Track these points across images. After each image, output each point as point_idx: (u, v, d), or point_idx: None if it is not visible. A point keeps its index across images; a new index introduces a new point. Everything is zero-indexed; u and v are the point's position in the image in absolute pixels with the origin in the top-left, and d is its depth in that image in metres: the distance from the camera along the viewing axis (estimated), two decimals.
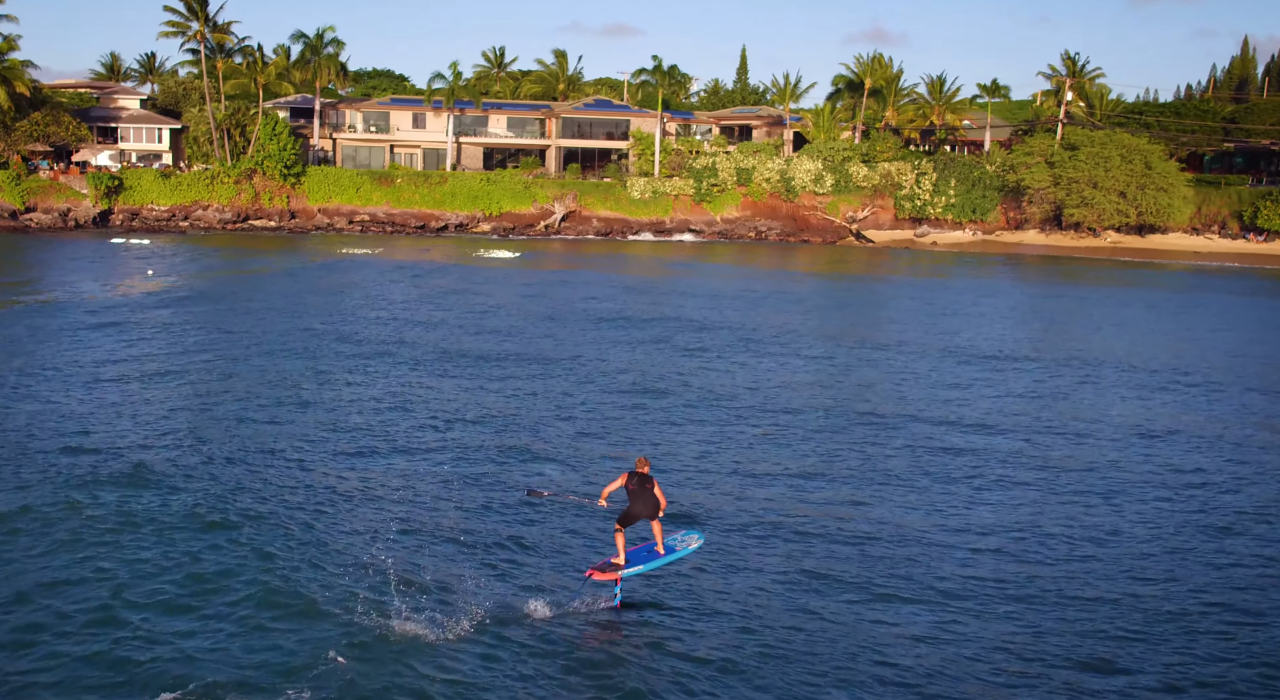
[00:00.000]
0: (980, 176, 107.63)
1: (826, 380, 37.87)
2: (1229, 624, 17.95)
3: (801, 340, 46.28)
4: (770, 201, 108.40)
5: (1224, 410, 33.78)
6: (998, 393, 35.89)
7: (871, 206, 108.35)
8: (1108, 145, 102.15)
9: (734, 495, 23.58)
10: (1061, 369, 41.13)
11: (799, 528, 21.58)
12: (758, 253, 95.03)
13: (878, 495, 24.00)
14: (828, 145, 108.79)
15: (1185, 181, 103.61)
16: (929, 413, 32.41)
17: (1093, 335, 50.94)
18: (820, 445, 28.08)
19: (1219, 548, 21.42)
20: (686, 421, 30.68)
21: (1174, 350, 46.36)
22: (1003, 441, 28.89)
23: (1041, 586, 19.19)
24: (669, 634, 16.58)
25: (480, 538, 20.29)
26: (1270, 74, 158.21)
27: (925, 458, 27.19)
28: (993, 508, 23.40)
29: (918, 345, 45.86)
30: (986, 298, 65.76)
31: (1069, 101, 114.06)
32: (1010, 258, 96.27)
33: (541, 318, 50.46)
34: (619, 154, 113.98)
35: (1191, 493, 24.91)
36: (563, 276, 71.09)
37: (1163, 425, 31.43)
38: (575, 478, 24.40)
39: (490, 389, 33.60)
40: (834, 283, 74.94)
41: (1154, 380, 38.61)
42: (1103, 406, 33.84)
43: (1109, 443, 29.26)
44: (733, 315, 53.44)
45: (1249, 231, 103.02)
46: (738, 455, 26.80)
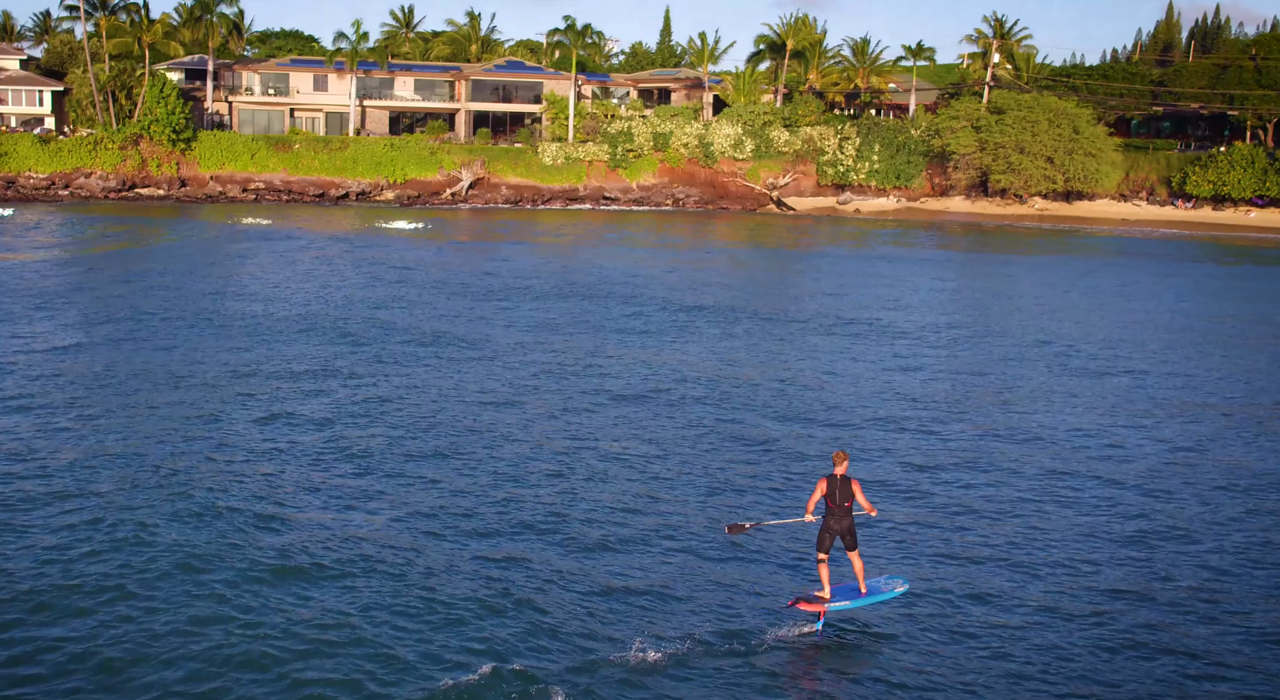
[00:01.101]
0: (905, 142, 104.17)
1: (745, 359, 35.06)
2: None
3: (715, 316, 43.23)
4: (688, 168, 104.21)
5: (1170, 391, 30.49)
6: (928, 370, 32.77)
7: (793, 173, 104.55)
8: (1035, 109, 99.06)
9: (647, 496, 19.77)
10: (985, 344, 38.16)
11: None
12: (675, 221, 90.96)
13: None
14: (748, 109, 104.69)
15: (1114, 146, 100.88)
16: (861, 399, 29.42)
17: (1021, 309, 47.88)
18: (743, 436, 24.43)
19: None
20: (593, 406, 27.81)
21: (1107, 323, 43.54)
22: (928, 421, 25.41)
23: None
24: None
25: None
26: (1195, 38, 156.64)
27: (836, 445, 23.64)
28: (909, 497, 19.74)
29: (840, 321, 43.01)
30: (911, 269, 62.55)
31: (995, 64, 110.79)
32: (935, 225, 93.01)
33: (444, 293, 46.43)
34: (533, 118, 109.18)
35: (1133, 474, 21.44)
36: (469, 248, 66.86)
37: (1109, 408, 28.03)
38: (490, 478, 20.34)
39: (395, 373, 29.32)
40: (754, 253, 71.35)
41: (1090, 358, 35.37)
42: (1034, 386, 30.66)
43: (1049, 431, 25.74)
44: (647, 289, 49.81)
45: (1177, 198, 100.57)
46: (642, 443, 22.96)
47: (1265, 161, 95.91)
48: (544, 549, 18.62)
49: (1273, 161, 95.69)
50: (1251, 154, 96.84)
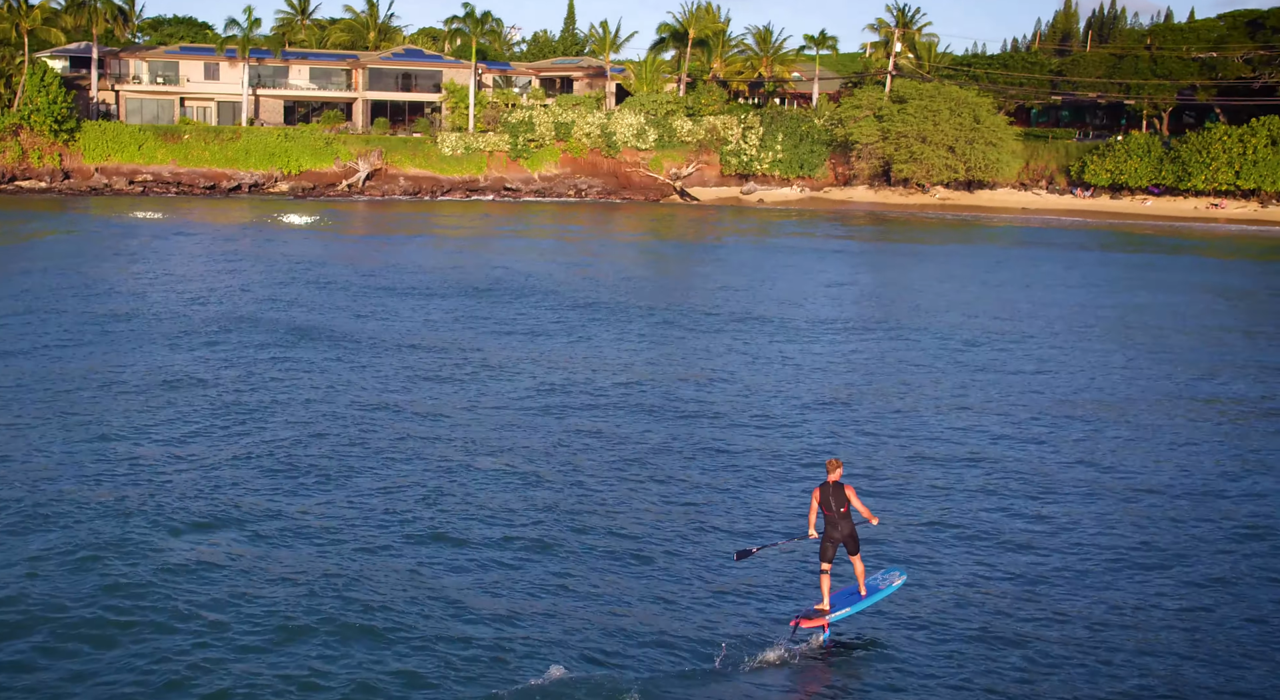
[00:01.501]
0: (808, 131, 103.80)
1: (645, 358, 33.80)
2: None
3: (617, 312, 41.82)
4: (591, 158, 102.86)
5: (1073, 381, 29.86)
6: (838, 367, 31.73)
7: (696, 162, 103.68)
8: (936, 98, 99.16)
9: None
10: (892, 338, 37.38)
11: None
12: (577, 213, 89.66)
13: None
14: (650, 98, 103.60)
15: (1014, 136, 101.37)
16: (765, 392, 28.86)
17: (929, 302, 47.12)
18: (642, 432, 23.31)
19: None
20: (479, 405, 26.97)
21: (1014, 315, 42.84)
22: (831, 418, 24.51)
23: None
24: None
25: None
26: (1092, 28, 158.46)
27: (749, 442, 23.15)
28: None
29: (747, 315, 42.03)
30: (817, 260, 61.92)
31: (897, 53, 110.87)
32: (839, 215, 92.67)
33: (333, 290, 44.71)
34: (433, 108, 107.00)
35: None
36: (364, 242, 65.20)
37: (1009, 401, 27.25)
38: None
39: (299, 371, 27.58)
40: (657, 246, 70.35)
41: (991, 347, 34.72)
42: (940, 383, 29.90)
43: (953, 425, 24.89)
44: (548, 284, 48.33)
45: (1076, 186, 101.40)
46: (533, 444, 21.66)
47: (1161, 150, 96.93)
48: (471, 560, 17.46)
49: (1168, 150, 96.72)
50: (1147, 143, 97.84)
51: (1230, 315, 46.26)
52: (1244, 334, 41.23)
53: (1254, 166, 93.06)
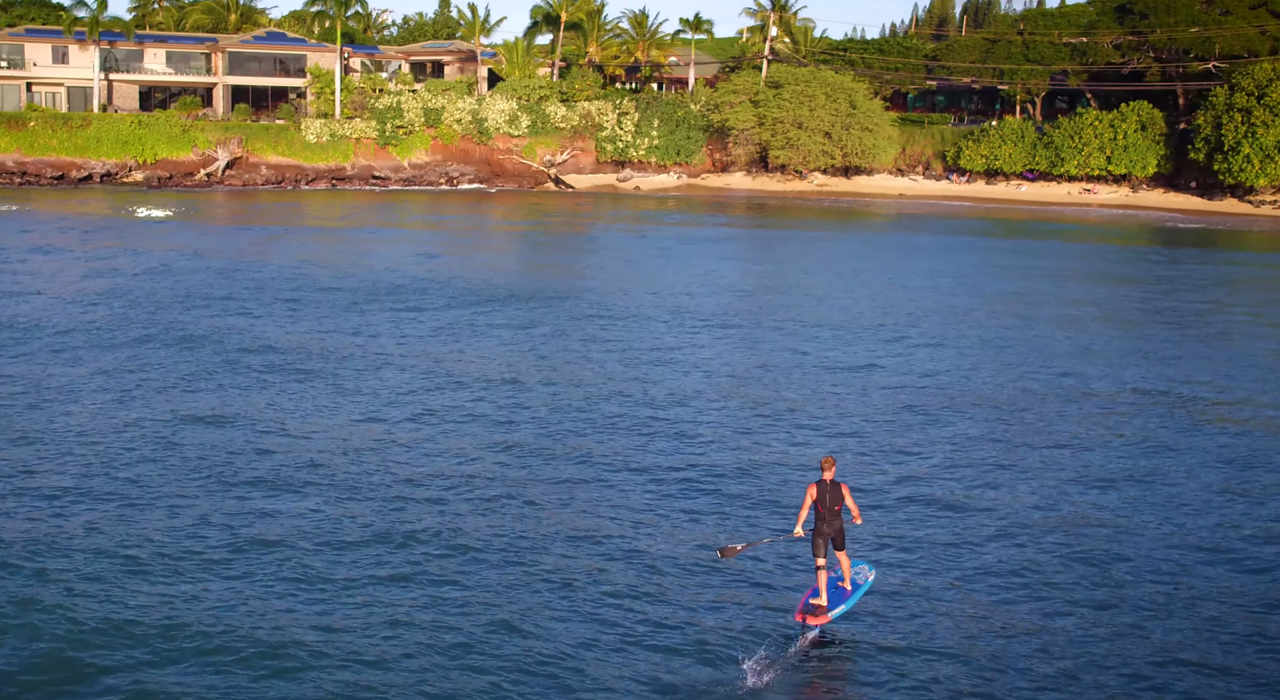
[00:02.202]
0: (684, 117, 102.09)
1: (530, 354, 32.46)
2: None
3: (490, 307, 40.05)
4: (462, 145, 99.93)
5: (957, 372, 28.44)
6: (717, 362, 30.25)
7: (571, 149, 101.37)
8: (812, 83, 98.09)
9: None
10: (773, 329, 36.46)
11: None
12: (449, 202, 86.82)
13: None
14: (523, 83, 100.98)
15: (890, 121, 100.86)
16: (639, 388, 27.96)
17: (810, 290, 46.03)
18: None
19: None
20: (338, 403, 26.00)
21: (895, 305, 41.46)
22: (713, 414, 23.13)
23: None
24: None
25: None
26: (968, 12, 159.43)
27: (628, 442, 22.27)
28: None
29: (626, 307, 40.71)
30: (695, 248, 60.65)
31: (773, 37, 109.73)
32: (717, 202, 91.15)
33: (188, 287, 41.47)
34: (298, 93, 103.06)
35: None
36: (222, 234, 61.93)
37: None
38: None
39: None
40: (532, 235, 68.30)
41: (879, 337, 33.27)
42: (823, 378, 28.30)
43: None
44: (418, 278, 46.27)
45: (952, 172, 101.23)
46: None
47: (1034, 136, 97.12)
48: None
49: (1041, 135, 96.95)
50: (1021, 128, 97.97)
51: (1101, 301, 45.52)
52: (1103, 320, 40.42)
53: (1125, 152, 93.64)
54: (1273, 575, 18.07)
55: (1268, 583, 17.76)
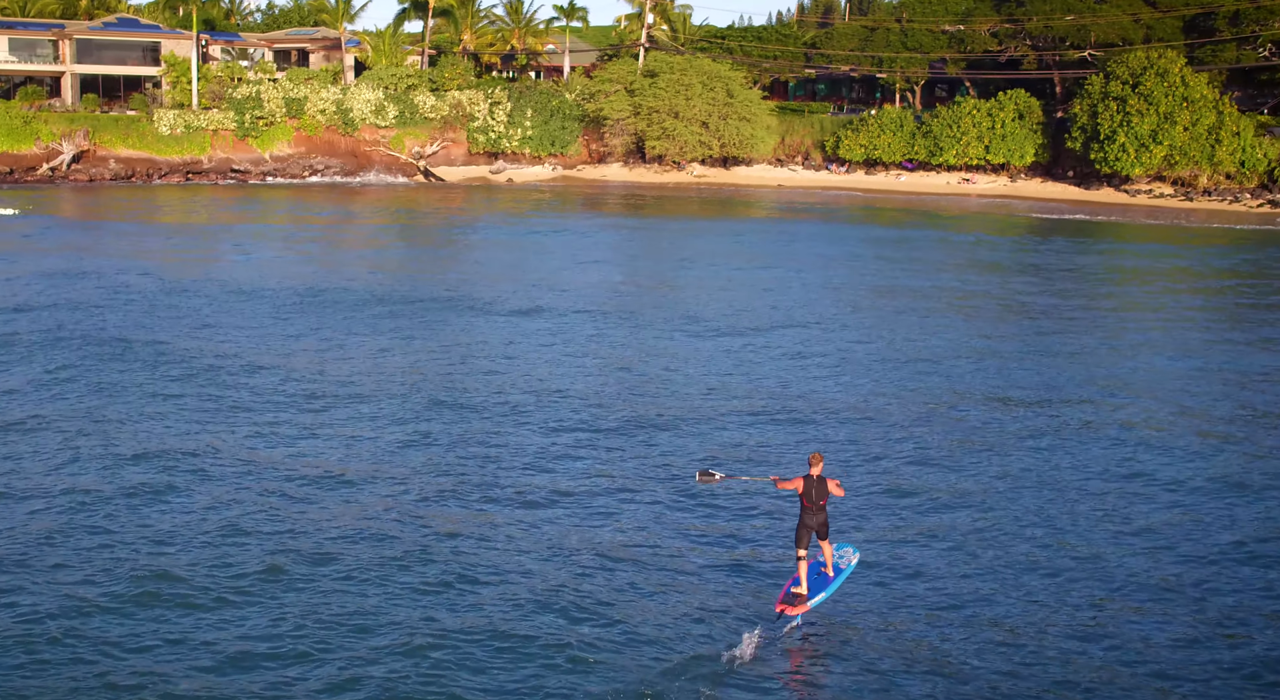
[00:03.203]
0: (559, 106, 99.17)
1: (405, 354, 31.21)
2: None
3: (359, 307, 38.22)
4: (327, 136, 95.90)
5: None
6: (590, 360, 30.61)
7: (442, 140, 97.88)
8: (688, 72, 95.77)
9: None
10: (652, 325, 35.97)
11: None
12: (313, 196, 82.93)
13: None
14: (389, 72, 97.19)
15: (768, 110, 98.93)
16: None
17: (690, 284, 45.00)
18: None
19: None
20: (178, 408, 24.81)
21: (776, 301, 40.56)
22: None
23: None
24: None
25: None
26: (851, 1, 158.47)
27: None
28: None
29: (499, 303, 39.38)
30: (571, 242, 58.81)
31: (650, 25, 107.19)
32: (592, 194, 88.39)
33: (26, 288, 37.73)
34: (154, 83, 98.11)
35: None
36: (65, 230, 58.41)
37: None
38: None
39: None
40: (401, 231, 65.60)
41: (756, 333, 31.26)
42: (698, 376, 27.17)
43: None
44: (278, 279, 43.59)
45: (832, 162, 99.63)
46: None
47: (913, 125, 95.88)
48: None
49: (920, 125, 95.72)
50: (900, 117, 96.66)
51: (973, 292, 43.76)
52: (966, 313, 38.59)
53: (1002, 141, 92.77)
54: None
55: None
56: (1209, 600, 16.87)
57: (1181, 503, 20.75)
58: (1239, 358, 33.45)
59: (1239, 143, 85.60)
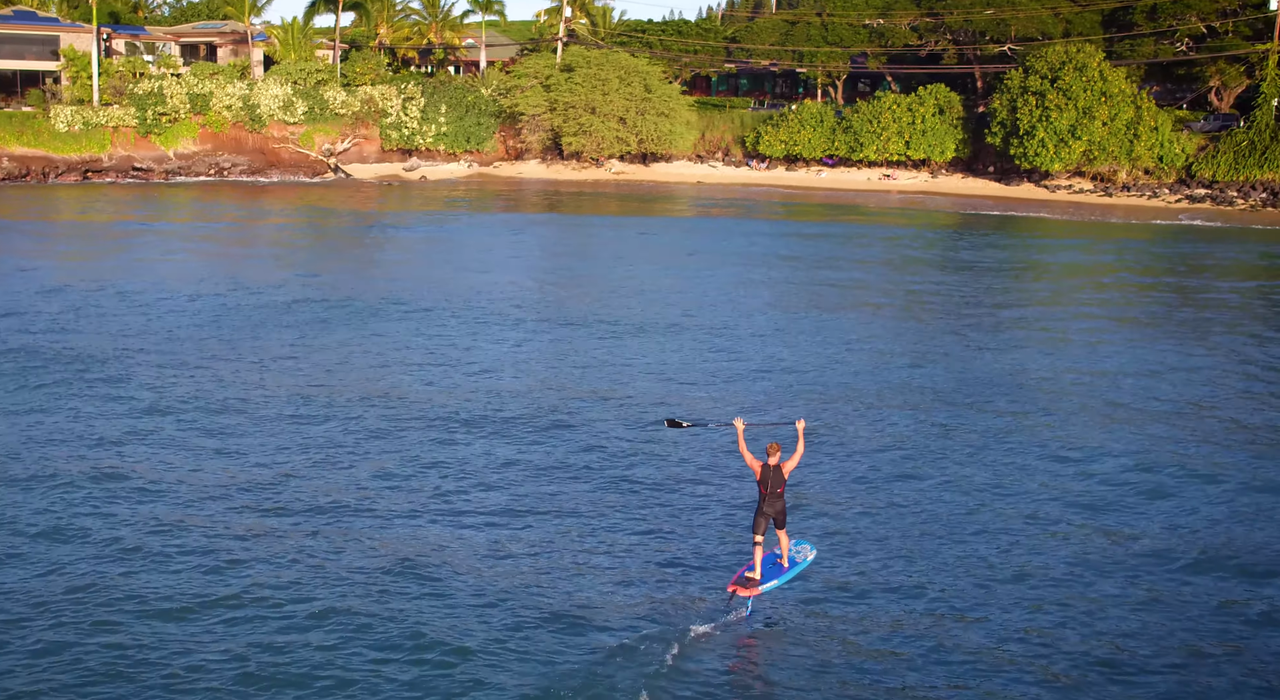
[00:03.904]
0: (475, 102, 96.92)
1: (303, 363, 30.31)
2: None
3: (263, 307, 37.79)
4: (234, 133, 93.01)
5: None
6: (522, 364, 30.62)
7: (354, 137, 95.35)
8: (605, 66, 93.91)
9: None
10: (574, 328, 35.43)
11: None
12: (217, 195, 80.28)
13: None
14: (298, 67, 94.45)
15: (688, 105, 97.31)
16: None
17: (611, 286, 44.02)
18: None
19: None
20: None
21: (696, 302, 39.98)
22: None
23: None
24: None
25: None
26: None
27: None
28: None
29: (415, 307, 38.47)
30: (488, 241, 57.83)
31: (569, 18, 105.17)
32: (507, 193, 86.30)
33: None
34: (54, 78, 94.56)
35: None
36: None
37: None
38: None
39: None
40: (308, 229, 63.81)
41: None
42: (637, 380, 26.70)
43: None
44: (178, 278, 43.05)
45: (752, 158, 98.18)
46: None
47: (834, 120, 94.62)
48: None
49: (840, 120, 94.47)
50: (820, 112, 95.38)
51: (885, 291, 42.55)
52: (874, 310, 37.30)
53: (923, 136, 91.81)
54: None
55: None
56: (1143, 585, 17.58)
57: (1113, 502, 21.12)
58: (1154, 353, 33.72)
59: (1157, 138, 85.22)
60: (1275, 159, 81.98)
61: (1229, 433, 25.40)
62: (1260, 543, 19.25)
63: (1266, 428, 25.88)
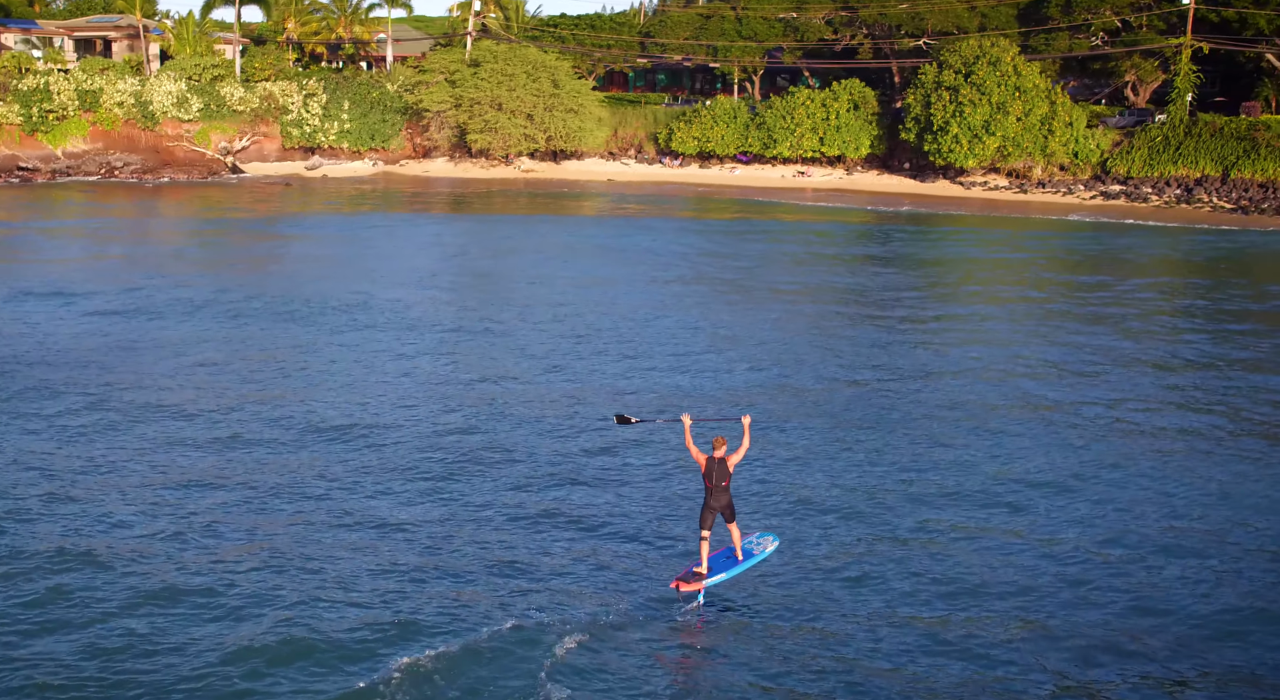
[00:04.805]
0: (380, 98, 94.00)
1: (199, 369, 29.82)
2: None
3: (155, 312, 36.86)
4: (126, 131, 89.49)
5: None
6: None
7: (253, 135, 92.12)
8: (512, 61, 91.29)
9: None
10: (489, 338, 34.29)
11: None
12: (107, 195, 77.04)
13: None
14: (192, 62, 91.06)
15: (598, 101, 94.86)
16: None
17: (504, 287, 43.37)
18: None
19: None
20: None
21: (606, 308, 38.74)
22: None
23: None
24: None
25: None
26: None
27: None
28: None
29: (322, 310, 37.88)
30: (393, 244, 56.21)
31: (479, 12, 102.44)
32: (413, 192, 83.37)
33: None
34: None
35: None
36: None
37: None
38: None
39: None
40: (200, 232, 61.43)
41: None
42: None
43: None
44: (66, 281, 41.71)
45: (665, 155, 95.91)
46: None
47: (747, 116, 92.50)
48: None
49: (754, 116, 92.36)
50: (733, 108, 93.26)
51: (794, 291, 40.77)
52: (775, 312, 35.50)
53: (837, 132, 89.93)
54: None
55: None
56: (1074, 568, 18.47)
57: (1030, 499, 21.63)
58: (1069, 348, 34.42)
59: (1072, 133, 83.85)
60: (1189, 155, 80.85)
61: (1139, 429, 26.05)
62: (1158, 527, 20.23)
63: (1174, 429, 26.29)
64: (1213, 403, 28.36)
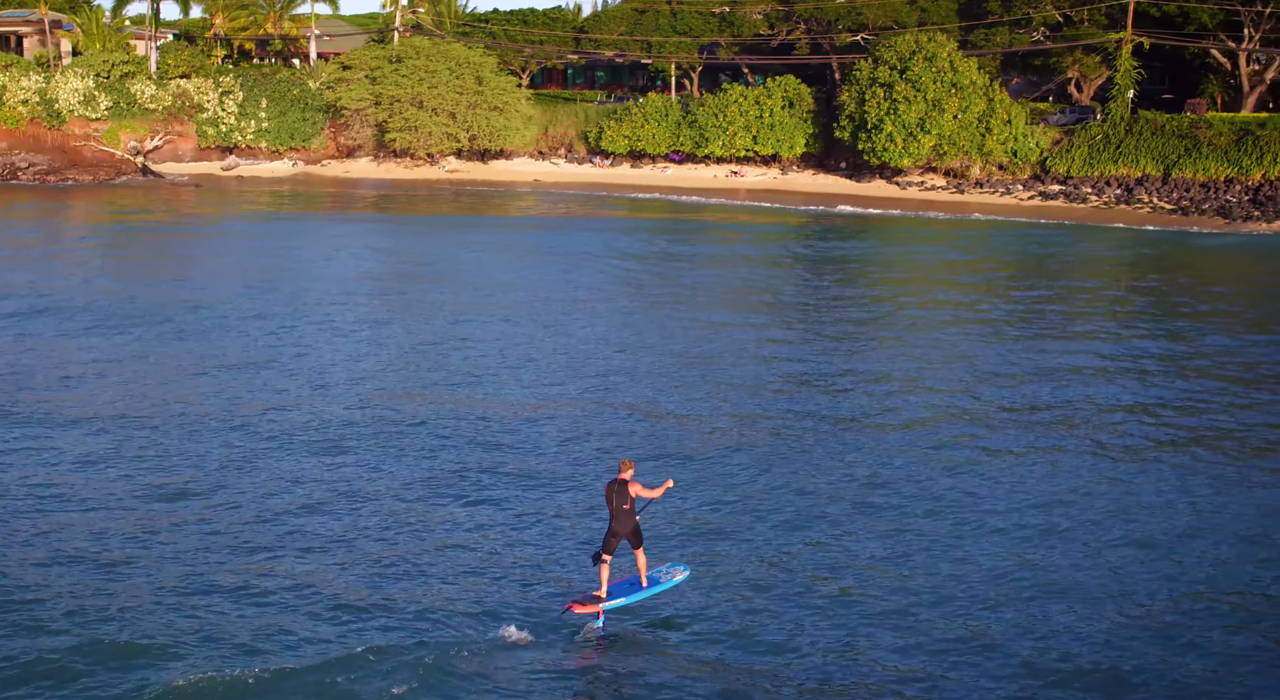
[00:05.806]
0: (300, 96, 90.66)
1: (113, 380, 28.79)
2: None
3: (64, 320, 35.89)
4: (31, 130, 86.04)
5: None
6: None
7: (166, 134, 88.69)
8: (435, 57, 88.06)
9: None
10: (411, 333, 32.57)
11: None
12: (14, 198, 73.89)
13: None
14: (100, 58, 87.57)
15: (525, 99, 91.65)
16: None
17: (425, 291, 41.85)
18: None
19: None
20: None
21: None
22: None
23: None
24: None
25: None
26: None
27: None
28: None
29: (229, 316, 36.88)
30: (293, 246, 54.34)
31: (406, 6, 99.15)
32: (333, 193, 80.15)
33: None
34: None
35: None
36: None
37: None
38: None
39: None
40: (105, 236, 59.53)
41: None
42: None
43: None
44: None
45: (596, 154, 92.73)
46: None
47: (679, 114, 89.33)
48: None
49: (686, 114, 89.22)
50: (665, 106, 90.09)
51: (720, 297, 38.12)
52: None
53: (771, 131, 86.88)
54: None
55: None
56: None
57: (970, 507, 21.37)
58: (999, 350, 34.31)
59: (1010, 131, 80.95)
60: (1129, 153, 78.03)
61: (1076, 426, 26.21)
62: (1093, 519, 20.66)
63: (1107, 427, 26.40)
64: (1136, 406, 28.18)
